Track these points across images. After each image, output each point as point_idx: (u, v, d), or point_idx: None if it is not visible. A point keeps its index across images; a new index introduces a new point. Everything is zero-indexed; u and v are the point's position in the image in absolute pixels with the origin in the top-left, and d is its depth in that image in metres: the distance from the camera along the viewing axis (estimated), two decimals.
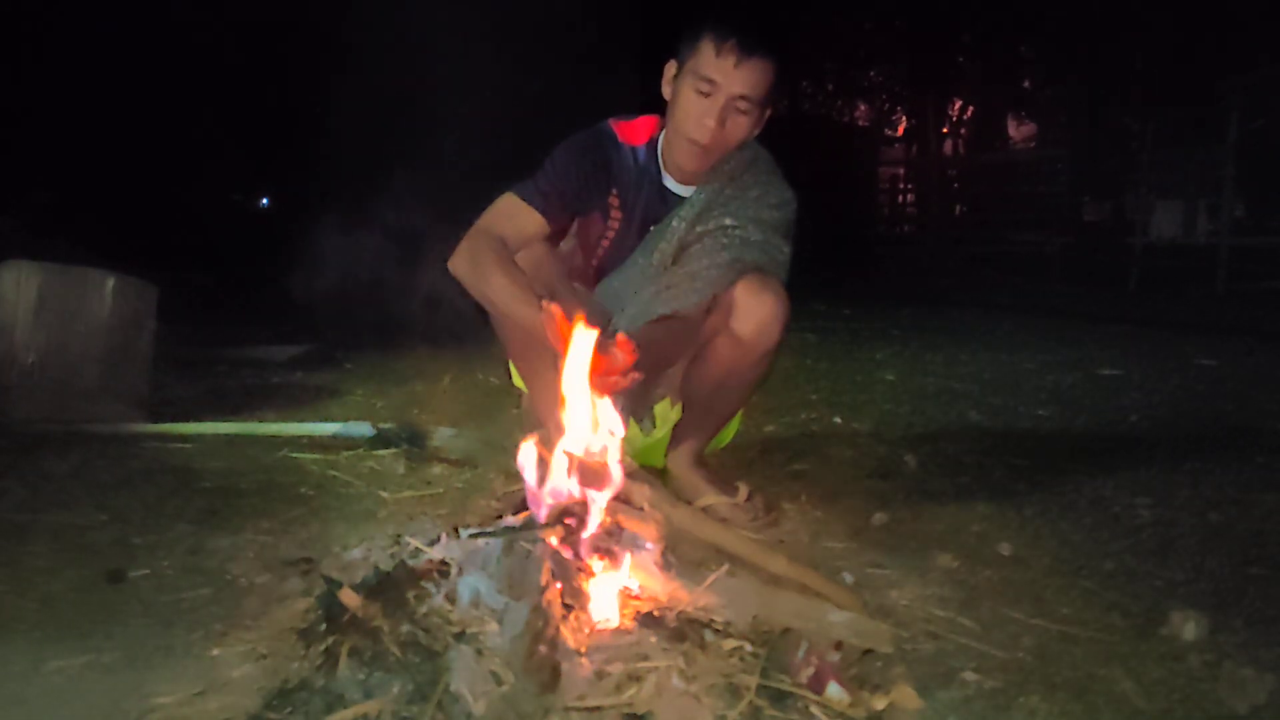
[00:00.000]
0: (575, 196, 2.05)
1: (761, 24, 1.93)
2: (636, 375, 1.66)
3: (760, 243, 2.05)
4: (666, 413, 2.27)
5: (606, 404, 1.62)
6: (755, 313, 2.00)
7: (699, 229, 2.06)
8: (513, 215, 1.99)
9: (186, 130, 10.28)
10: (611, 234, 2.14)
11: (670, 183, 2.10)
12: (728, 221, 2.05)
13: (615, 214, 2.12)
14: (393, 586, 1.38)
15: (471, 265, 1.92)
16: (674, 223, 2.07)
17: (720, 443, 2.41)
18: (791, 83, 16.15)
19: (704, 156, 1.99)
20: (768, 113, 2.02)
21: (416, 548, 1.58)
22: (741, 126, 1.97)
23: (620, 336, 1.69)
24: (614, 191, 2.09)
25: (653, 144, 2.10)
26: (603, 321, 2.07)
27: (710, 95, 1.91)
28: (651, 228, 2.10)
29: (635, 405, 2.17)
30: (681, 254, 2.07)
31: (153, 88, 9.59)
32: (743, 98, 1.92)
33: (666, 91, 2.02)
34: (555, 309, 1.64)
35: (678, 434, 2.23)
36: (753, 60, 1.89)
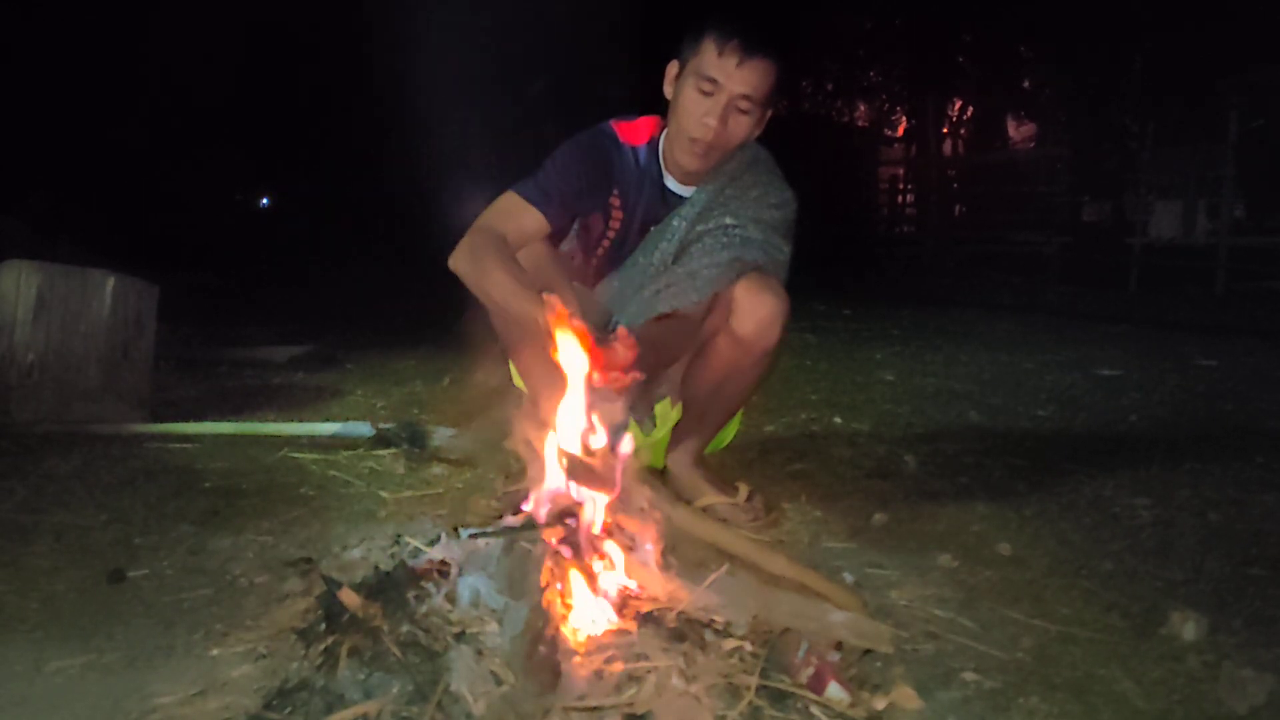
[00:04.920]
0: (576, 196, 2.05)
1: (764, 24, 1.93)
2: (638, 374, 1.66)
3: (760, 242, 2.05)
4: (666, 413, 2.27)
5: (609, 401, 1.62)
6: (755, 312, 2.00)
7: (699, 228, 2.06)
8: (514, 214, 1.99)
9: (187, 130, 10.29)
10: (612, 234, 2.14)
11: (671, 183, 2.10)
12: (728, 221, 2.05)
13: (616, 214, 2.12)
14: (393, 586, 1.39)
15: (472, 262, 1.92)
16: (675, 222, 2.08)
17: (720, 443, 2.41)
18: (792, 83, 16.14)
19: (705, 156, 1.99)
20: (769, 113, 2.03)
21: (416, 548, 1.58)
22: (743, 126, 1.97)
23: (621, 331, 1.69)
24: (615, 192, 2.10)
25: (654, 144, 2.10)
26: (603, 320, 2.07)
27: (712, 95, 1.92)
28: (652, 228, 2.10)
29: (636, 405, 2.17)
30: (682, 253, 2.07)
31: (153, 88, 9.59)
32: (745, 97, 1.92)
33: (668, 91, 2.03)
34: (556, 301, 1.64)
35: (678, 434, 2.24)
36: (755, 60, 1.90)
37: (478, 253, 1.92)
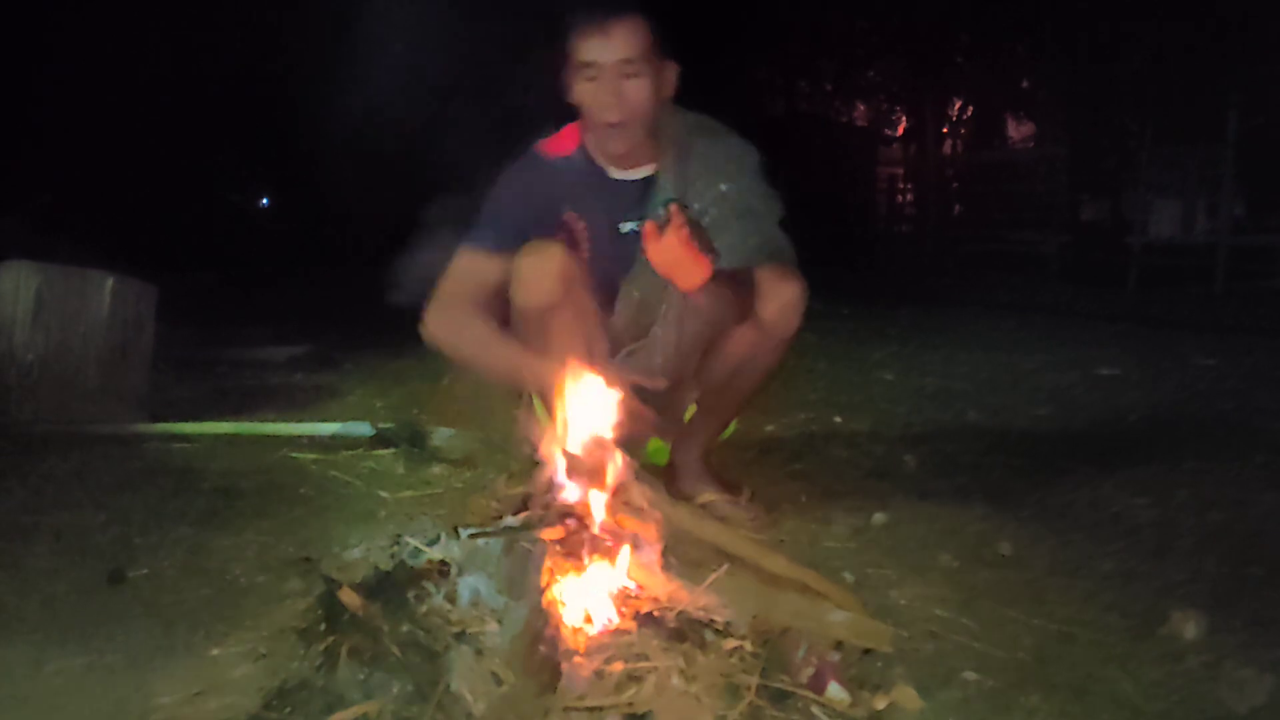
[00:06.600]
0: (530, 222, 2.03)
1: None
2: (660, 382, 1.75)
3: (765, 214, 2.05)
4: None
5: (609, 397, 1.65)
6: (779, 295, 1.99)
7: (696, 206, 2.03)
8: (474, 272, 1.99)
9: (186, 130, 10.28)
10: (588, 244, 2.12)
11: (615, 173, 2.09)
12: (722, 187, 2.04)
13: (580, 225, 2.10)
14: (393, 586, 1.39)
15: (455, 341, 1.98)
16: (659, 212, 2.05)
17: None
18: (789, 82, 16.16)
19: (626, 132, 1.98)
20: (671, 69, 2.01)
21: (416, 548, 1.58)
22: (642, 88, 1.95)
23: (673, 208, 1.76)
24: (566, 209, 2.09)
25: (582, 147, 2.10)
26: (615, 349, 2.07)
27: (598, 76, 1.93)
28: (621, 223, 2.09)
29: (664, 415, 2.15)
30: None
31: (152, 88, 9.58)
32: (625, 61, 1.92)
33: (572, 99, 2.02)
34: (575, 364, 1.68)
35: (687, 426, 2.23)
36: (612, 25, 1.91)
37: (456, 331, 1.96)
